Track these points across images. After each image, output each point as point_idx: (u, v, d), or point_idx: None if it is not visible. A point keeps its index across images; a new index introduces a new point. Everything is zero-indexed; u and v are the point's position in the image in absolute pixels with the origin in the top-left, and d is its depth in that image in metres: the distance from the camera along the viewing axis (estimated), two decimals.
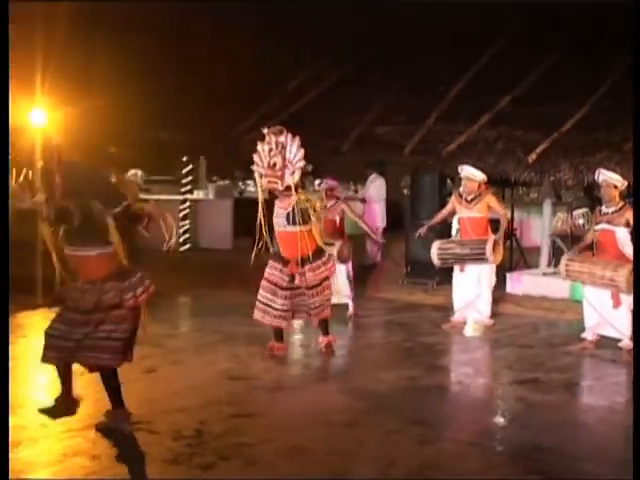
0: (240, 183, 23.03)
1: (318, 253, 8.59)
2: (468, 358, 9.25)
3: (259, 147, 8.28)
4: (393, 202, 17.01)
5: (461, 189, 10.51)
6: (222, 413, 6.64)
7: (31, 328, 10.35)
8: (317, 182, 11.45)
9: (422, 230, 10.95)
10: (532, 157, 12.82)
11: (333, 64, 17.26)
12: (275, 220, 8.54)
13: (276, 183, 8.22)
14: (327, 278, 8.74)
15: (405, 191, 19.58)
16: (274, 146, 8.19)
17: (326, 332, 9.07)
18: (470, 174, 10.36)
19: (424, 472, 5.55)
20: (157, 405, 6.74)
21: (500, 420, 7.02)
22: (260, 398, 7.20)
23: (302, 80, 17.24)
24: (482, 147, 13.43)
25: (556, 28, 15.16)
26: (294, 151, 8.18)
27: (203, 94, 16.38)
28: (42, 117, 15.04)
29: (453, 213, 10.74)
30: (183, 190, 17.74)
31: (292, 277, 8.56)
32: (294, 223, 8.36)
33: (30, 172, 20.17)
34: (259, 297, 8.65)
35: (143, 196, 19.52)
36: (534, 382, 7.91)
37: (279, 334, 8.84)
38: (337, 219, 11.24)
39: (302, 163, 8.20)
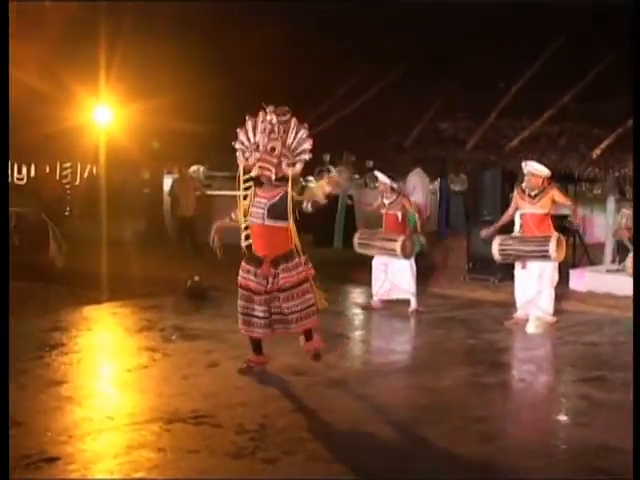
0: (301, 179, 23.11)
1: (293, 253, 7.50)
2: (531, 355, 9.17)
3: (249, 124, 7.44)
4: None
5: (524, 185, 10.39)
6: (284, 408, 6.68)
7: (96, 322, 10.54)
8: (381, 177, 11.36)
9: (488, 232, 10.77)
10: (596, 152, 12.64)
11: (393, 62, 17.21)
12: (252, 210, 7.52)
13: (269, 170, 7.29)
14: (305, 280, 7.57)
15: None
16: (276, 129, 7.29)
17: (310, 336, 7.83)
18: (534, 169, 10.23)
19: (487, 469, 5.52)
20: (220, 399, 6.79)
21: (563, 418, 6.95)
22: (322, 393, 7.22)
23: (361, 78, 17.22)
24: (545, 143, 13.27)
25: (618, 22, 14.94)
26: (298, 139, 7.33)
27: (265, 91, 16.45)
28: (107, 114, 15.24)
29: (517, 210, 10.64)
30: (245, 186, 17.85)
31: (267, 279, 7.49)
32: (275, 217, 7.36)
33: (95, 169, 20.52)
34: (238, 307, 7.68)
35: (207, 192, 19.81)
36: (598, 380, 7.81)
37: (258, 346, 7.80)
38: (399, 214, 11.22)
39: (307, 155, 7.33)
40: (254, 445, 5.80)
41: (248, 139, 7.43)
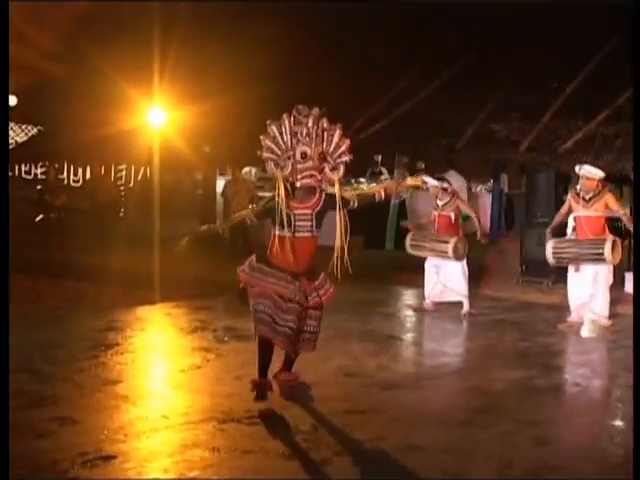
0: (353, 180, 23.08)
1: (314, 268, 6.94)
2: (585, 359, 9.08)
3: (275, 130, 6.67)
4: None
5: (578, 187, 10.30)
6: (337, 409, 6.68)
7: (149, 322, 10.65)
8: (430, 181, 11.32)
9: (547, 234, 10.67)
10: None
11: (444, 63, 17.16)
12: (295, 224, 6.66)
13: (316, 178, 6.60)
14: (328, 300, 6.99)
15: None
16: (312, 131, 6.59)
17: (291, 366, 7.20)
18: (589, 172, 10.14)
19: (540, 473, 5.48)
20: (273, 400, 6.81)
21: (619, 423, 6.87)
22: (374, 395, 7.22)
23: (412, 79, 17.20)
24: (600, 144, 13.17)
25: None
26: (336, 141, 6.68)
27: (314, 94, 16.49)
28: (161, 117, 15.36)
29: (570, 212, 10.55)
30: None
31: (306, 295, 6.78)
32: (318, 227, 6.75)
33: (149, 171, 20.71)
34: (258, 306, 6.87)
35: (260, 193, 19.91)
36: None
37: (266, 365, 6.91)
38: (452, 215, 11.19)
39: (348, 157, 6.72)
40: (307, 446, 5.83)
41: (279, 146, 6.64)
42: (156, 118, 15.82)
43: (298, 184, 6.62)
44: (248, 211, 7.05)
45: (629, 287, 12.37)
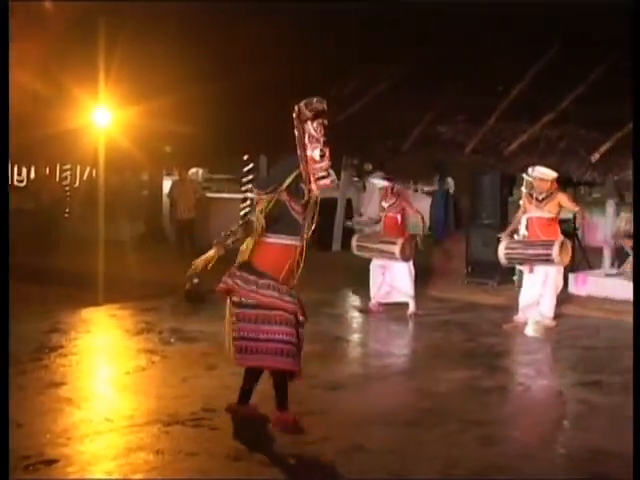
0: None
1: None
2: (530, 359, 9.17)
3: (312, 125, 5.91)
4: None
5: (524, 189, 10.44)
6: None
7: (94, 324, 10.55)
8: (377, 181, 11.38)
9: (504, 237, 10.77)
10: (595, 156, 12.66)
11: (392, 65, 17.21)
12: (298, 228, 6.15)
13: (328, 177, 5.98)
14: None
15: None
16: (323, 129, 5.95)
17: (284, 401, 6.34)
18: (542, 174, 10.29)
19: (485, 473, 5.52)
20: (218, 402, 6.78)
21: (562, 422, 6.96)
22: (320, 396, 7.21)
23: (361, 80, 17.22)
24: (544, 146, 13.29)
25: (619, 26, 14.95)
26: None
27: (264, 93, 16.46)
28: (106, 116, 15.23)
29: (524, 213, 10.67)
30: (244, 189, 17.79)
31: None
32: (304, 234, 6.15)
33: (94, 171, 20.50)
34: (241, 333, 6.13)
35: (207, 194, 19.81)
36: (597, 384, 7.81)
37: (249, 390, 6.42)
38: (398, 217, 11.22)
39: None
40: (252, 448, 5.81)
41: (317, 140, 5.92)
42: (101, 118, 15.69)
43: (314, 186, 6.00)
44: (259, 216, 5.97)
45: (573, 288, 12.53)
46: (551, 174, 10.30)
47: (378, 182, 11.43)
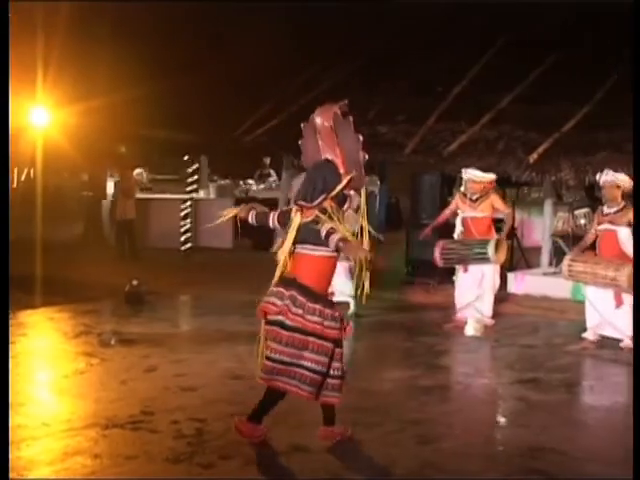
0: (241, 182, 23.00)
1: None
2: (468, 358, 9.26)
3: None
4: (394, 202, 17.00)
5: (462, 188, 10.54)
6: (222, 412, 6.63)
7: (31, 327, 10.38)
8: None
9: (426, 232, 10.94)
10: (533, 157, 12.82)
11: (333, 64, 17.25)
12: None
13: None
14: None
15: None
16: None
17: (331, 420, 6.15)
18: (474, 176, 10.39)
19: (424, 472, 5.55)
20: (158, 404, 6.74)
21: (501, 420, 7.04)
22: (260, 397, 7.18)
23: (302, 81, 17.23)
24: (483, 147, 13.43)
25: (557, 27, 15.16)
26: None
27: (205, 93, 16.39)
28: (44, 116, 15.02)
29: (456, 213, 10.75)
30: (188, 189, 17.62)
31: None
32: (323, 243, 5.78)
33: (32, 171, 20.23)
34: (276, 355, 5.87)
35: (146, 195, 19.66)
36: (534, 382, 7.91)
37: (266, 410, 6.09)
38: None
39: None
40: (191, 450, 5.77)
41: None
42: (39, 118, 15.47)
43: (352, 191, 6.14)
44: (338, 226, 5.78)
45: (511, 287, 12.68)
46: (483, 176, 10.43)
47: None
